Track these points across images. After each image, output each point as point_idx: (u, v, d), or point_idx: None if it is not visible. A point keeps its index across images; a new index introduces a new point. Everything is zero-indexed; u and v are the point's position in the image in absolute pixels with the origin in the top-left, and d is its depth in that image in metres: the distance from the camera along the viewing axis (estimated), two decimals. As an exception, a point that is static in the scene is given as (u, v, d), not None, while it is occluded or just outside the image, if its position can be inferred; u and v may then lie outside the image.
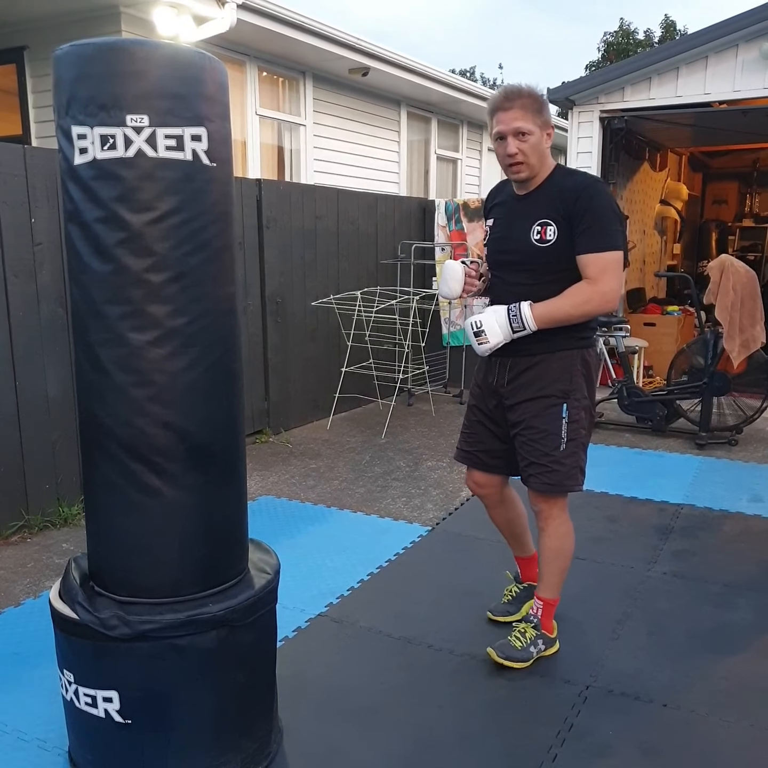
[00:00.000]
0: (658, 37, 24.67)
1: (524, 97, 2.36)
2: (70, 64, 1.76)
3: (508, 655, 2.63)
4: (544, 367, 2.47)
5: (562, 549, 2.64)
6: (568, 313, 2.37)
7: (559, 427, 2.47)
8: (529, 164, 2.41)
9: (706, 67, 5.98)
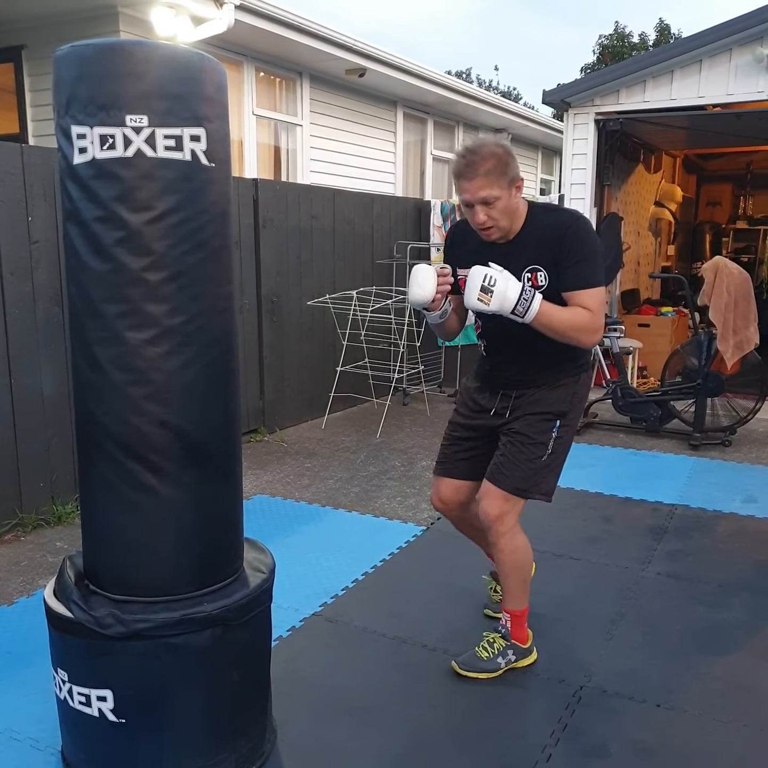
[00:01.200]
0: (653, 41, 24.71)
1: (487, 161, 2.26)
2: (70, 65, 1.76)
3: (473, 666, 2.60)
4: (548, 392, 2.52)
5: (517, 561, 2.59)
6: (564, 328, 2.32)
7: (549, 439, 2.51)
8: (500, 227, 2.36)
9: (700, 70, 6.00)
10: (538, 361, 2.50)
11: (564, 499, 4.36)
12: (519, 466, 2.50)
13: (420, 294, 2.37)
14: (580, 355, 2.55)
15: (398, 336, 6.44)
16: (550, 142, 12.34)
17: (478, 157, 2.27)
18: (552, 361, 2.50)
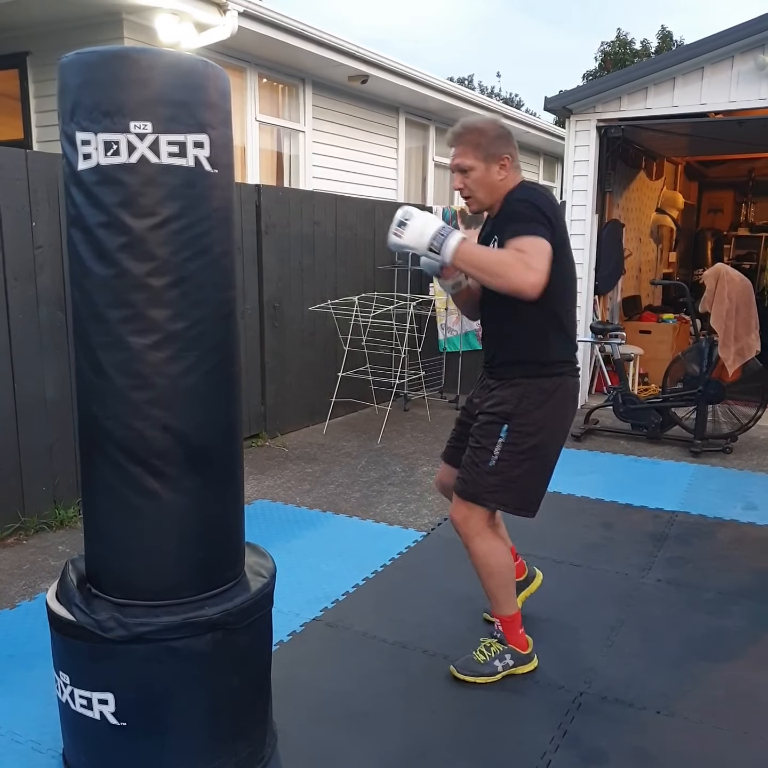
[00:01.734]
0: (655, 48, 24.77)
1: (468, 133, 2.40)
2: (75, 71, 1.78)
3: (471, 670, 2.61)
4: (500, 390, 2.51)
5: (490, 565, 2.56)
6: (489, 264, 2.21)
7: (493, 444, 2.46)
8: (476, 198, 2.43)
9: (702, 77, 6.02)
10: (501, 345, 2.53)
11: (564, 505, 4.37)
12: (467, 469, 2.53)
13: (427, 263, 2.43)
14: (545, 356, 2.47)
15: (399, 342, 6.45)
16: (551, 149, 12.36)
17: (463, 129, 2.43)
18: (511, 349, 2.50)
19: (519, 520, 3.84)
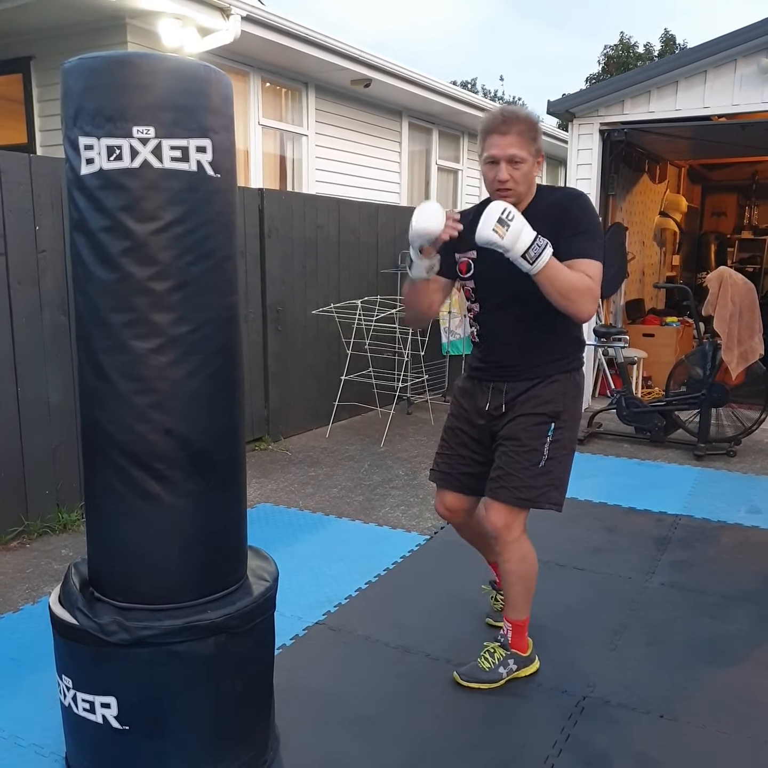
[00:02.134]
0: (658, 51, 24.79)
1: (522, 123, 2.32)
2: (78, 77, 1.79)
3: (475, 677, 2.60)
4: (541, 389, 2.48)
5: (523, 571, 2.56)
6: (567, 288, 2.25)
7: (543, 444, 2.46)
8: (518, 192, 2.36)
9: (705, 81, 6.01)
10: (531, 347, 2.49)
11: (567, 509, 4.31)
12: (516, 476, 2.45)
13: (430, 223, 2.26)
14: (573, 350, 2.55)
15: (402, 345, 6.45)
16: (554, 152, 12.35)
17: (515, 117, 2.32)
18: (544, 349, 2.49)
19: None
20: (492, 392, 2.55)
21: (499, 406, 2.53)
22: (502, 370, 2.54)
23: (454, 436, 2.69)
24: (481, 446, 2.62)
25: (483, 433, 2.61)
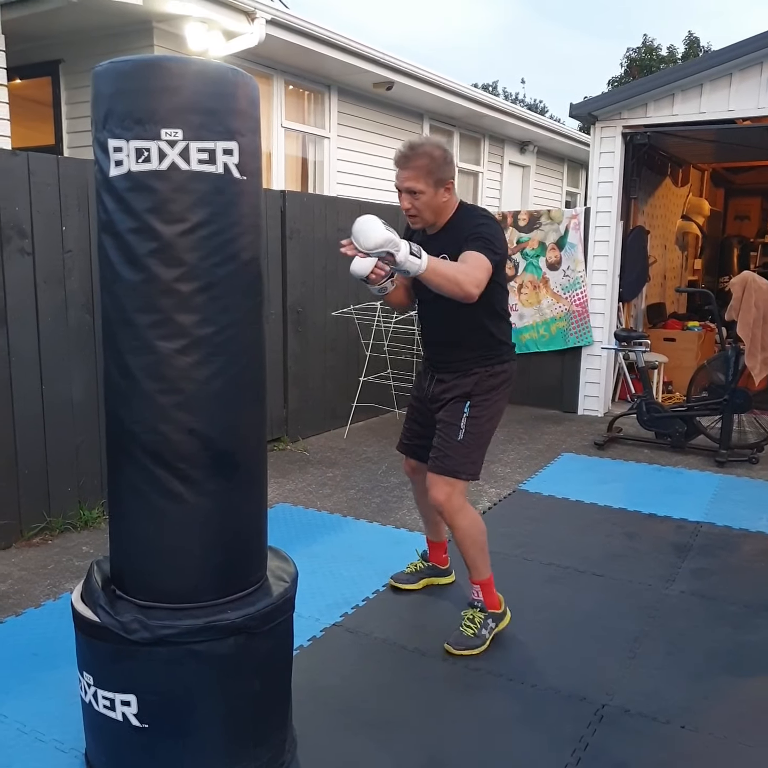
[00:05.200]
0: (682, 54, 24.61)
1: (420, 158, 2.57)
2: (108, 80, 1.81)
3: (465, 644, 2.81)
4: (461, 379, 2.83)
5: (474, 535, 2.85)
6: (449, 273, 2.45)
7: (460, 419, 2.79)
8: (423, 218, 2.67)
9: (730, 83, 5.96)
10: (456, 345, 2.82)
11: (587, 514, 4.34)
12: (442, 449, 2.81)
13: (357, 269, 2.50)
14: (491, 347, 2.84)
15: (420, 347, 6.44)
16: (576, 155, 12.32)
17: (414, 153, 2.60)
18: (465, 347, 2.81)
19: (540, 530, 3.83)
20: (430, 379, 2.95)
21: (434, 391, 2.92)
22: (436, 363, 2.92)
23: (411, 412, 3.13)
24: (428, 421, 2.96)
25: (427, 411, 2.98)
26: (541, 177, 12.00)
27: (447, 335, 2.84)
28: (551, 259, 6.88)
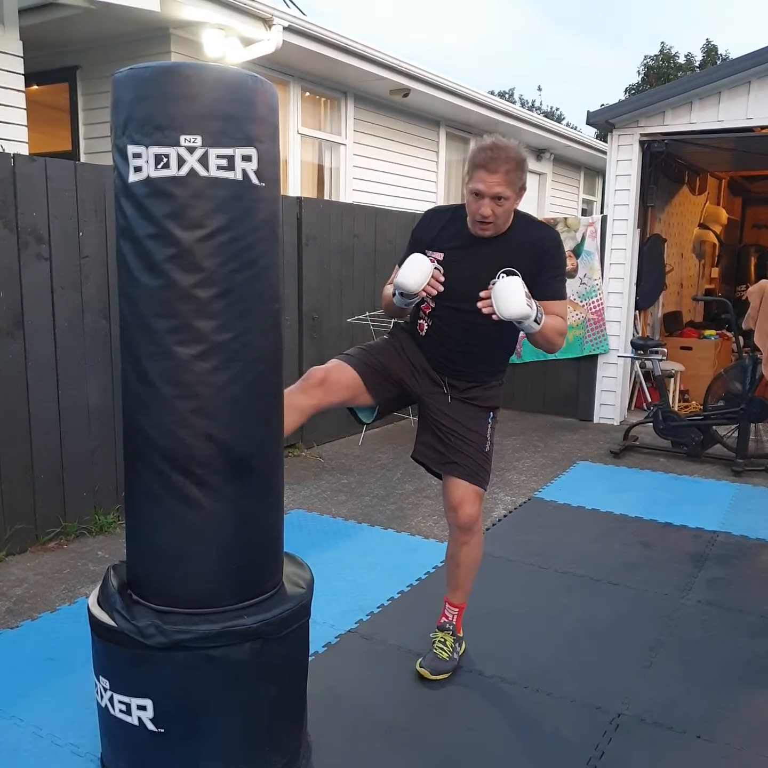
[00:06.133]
0: (699, 62, 24.52)
1: (510, 162, 2.38)
2: (128, 86, 1.82)
3: (440, 669, 2.72)
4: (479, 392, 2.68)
5: (478, 557, 2.79)
6: (553, 334, 2.48)
7: (486, 430, 2.69)
8: (497, 224, 2.47)
9: (748, 91, 5.94)
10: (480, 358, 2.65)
11: (603, 523, 4.31)
12: (477, 461, 2.65)
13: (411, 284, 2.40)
14: (504, 367, 2.78)
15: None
16: (592, 163, 12.29)
17: (504, 156, 2.38)
18: (491, 363, 2.70)
19: (556, 538, 3.80)
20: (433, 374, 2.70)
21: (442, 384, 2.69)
22: (446, 367, 2.67)
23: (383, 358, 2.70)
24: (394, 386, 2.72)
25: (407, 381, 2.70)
26: (558, 185, 11.98)
27: (474, 350, 2.64)
28: (568, 266, 6.85)
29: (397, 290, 2.49)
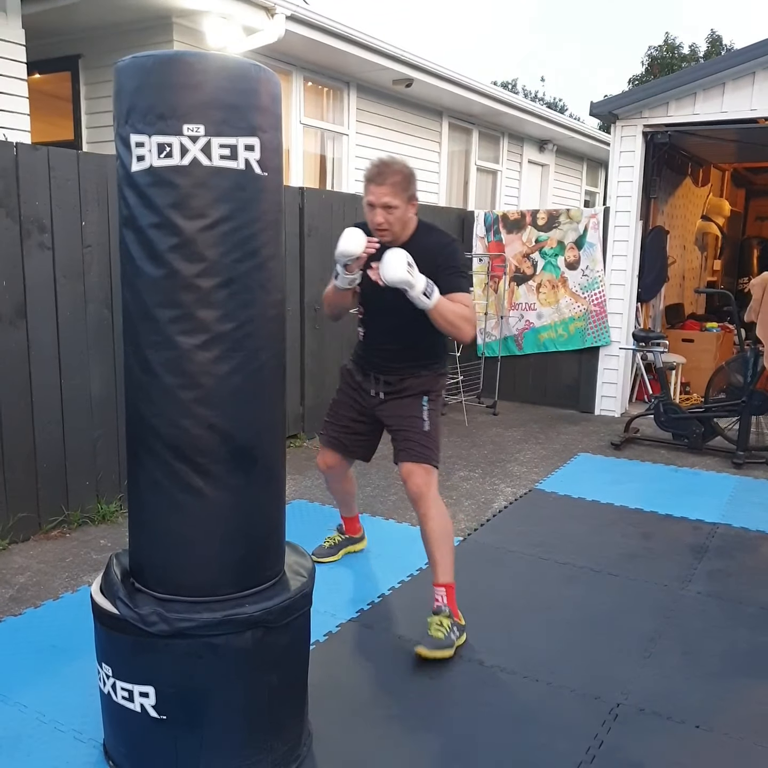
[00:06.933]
0: (704, 52, 24.40)
1: (396, 175, 2.72)
2: (131, 75, 1.82)
3: (437, 645, 2.74)
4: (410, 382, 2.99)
5: (446, 528, 2.90)
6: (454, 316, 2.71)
7: (422, 412, 2.97)
8: (393, 231, 2.79)
9: (753, 82, 5.91)
10: (409, 355, 2.97)
11: (603, 514, 4.32)
12: (417, 441, 2.93)
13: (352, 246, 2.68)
14: (439, 356, 3.06)
15: (438, 345, 6.43)
16: (595, 154, 12.25)
17: (390, 170, 2.74)
18: (419, 355, 2.98)
19: (556, 529, 3.82)
20: (373, 379, 3.06)
21: (378, 392, 3.05)
22: (381, 367, 3.03)
23: (339, 408, 3.21)
24: (360, 418, 3.14)
25: (364, 409, 3.11)
26: (560, 176, 11.95)
27: (401, 345, 2.96)
28: (570, 258, 6.85)
29: (340, 261, 2.76)
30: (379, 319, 3.01)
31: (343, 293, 2.97)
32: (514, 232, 7.11)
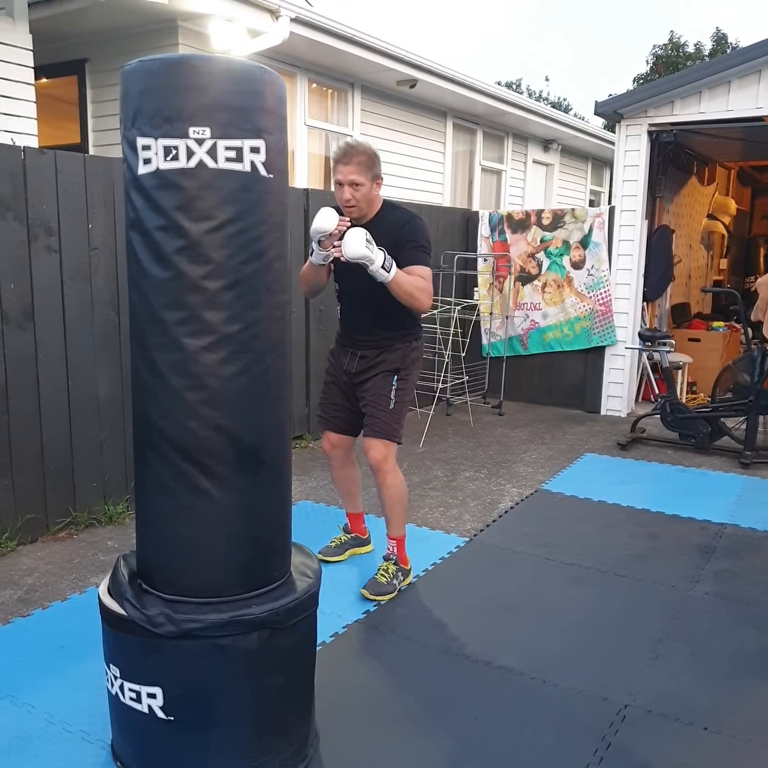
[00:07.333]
0: (709, 51, 24.34)
1: (361, 155, 2.96)
2: (137, 79, 1.83)
3: (378, 591, 3.21)
4: (386, 355, 3.21)
5: (400, 494, 3.30)
6: (411, 288, 2.94)
7: (390, 392, 3.19)
8: (360, 207, 3.03)
9: (759, 81, 5.89)
10: (379, 326, 3.18)
11: (609, 515, 4.32)
12: (377, 417, 3.19)
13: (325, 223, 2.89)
14: (409, 326, 3.24)
15: (443, 346, 6.44)
16: (600, 153, 12.23)
17: (355, 151, 2.97)
18: (386, 327, 3.18)
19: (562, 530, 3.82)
20: (350, 356, 3.28)
21: (354, 366, 3.26)
22: (358, 341, 3.25)
23: (329, 389, 3.43)
24: (347, 397, 3.35)
25: (348, 387, 3.33)
26: (565, 175, 11.93)
27: (372, 317, 3.17)
28: (575, 258, 6.84)
29: (315, 238, 2.97)
30: (352, 293, 3.21)
31: (318, 269, 3.15)
32: (518, 231, 7.11)
